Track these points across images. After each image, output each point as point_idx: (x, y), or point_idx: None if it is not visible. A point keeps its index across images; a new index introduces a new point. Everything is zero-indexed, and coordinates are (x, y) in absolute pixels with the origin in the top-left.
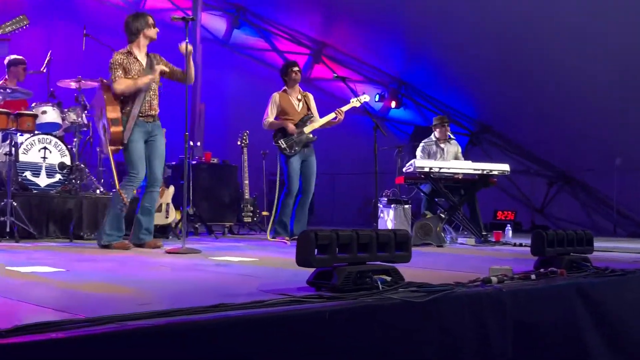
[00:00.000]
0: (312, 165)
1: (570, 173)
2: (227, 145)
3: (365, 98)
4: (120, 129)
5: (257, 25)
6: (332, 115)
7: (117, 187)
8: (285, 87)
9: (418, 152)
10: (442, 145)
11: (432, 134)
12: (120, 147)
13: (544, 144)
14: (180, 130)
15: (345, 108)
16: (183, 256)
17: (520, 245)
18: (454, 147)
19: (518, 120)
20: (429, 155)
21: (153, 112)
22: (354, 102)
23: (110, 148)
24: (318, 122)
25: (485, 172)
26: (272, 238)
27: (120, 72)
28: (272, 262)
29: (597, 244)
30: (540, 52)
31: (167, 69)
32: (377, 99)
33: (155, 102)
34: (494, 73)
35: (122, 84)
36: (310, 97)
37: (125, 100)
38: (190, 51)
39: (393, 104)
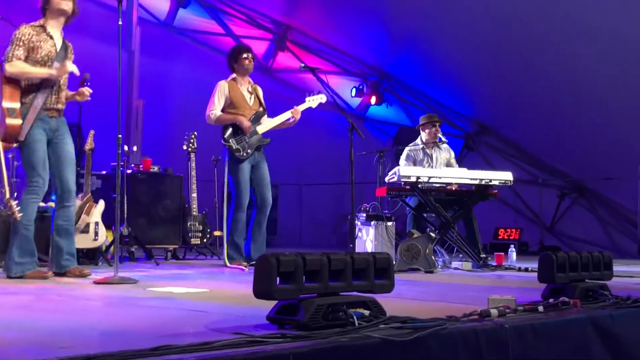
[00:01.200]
0: (264, 172)
1: (585, 183)
2: (170, 150)
3: (320, 99)
4: (18, 122)
5: (207, 4)
6: (287, 115)
7: (7, 195)
8: (234, 75)
9: (402, 159)
10: (430, 151)
11: (419, 137)
12: (14, 144)
13: (555, 148)
14: (112, 132)
15: (301, 107)
16: (115, 287)
17: (526, 270)
18: (445, 153)
19: (523, 120)
20: (414, 162)
21: (60, 106)
22: (310, 102)
23: (1, 144)
24: (271, 121)
25: (483, 182)
26: (227, 264)
27: (22, 51)
28: (224, 294)
29: (618, 267)
30: (552, 40)
31: (76, 73)
32: (353, 93)
33: (64, 94)
34: (494, 65)
35: (16, 67)
36: (260, 91)
37: (28, 87)
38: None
39: (373, 100)
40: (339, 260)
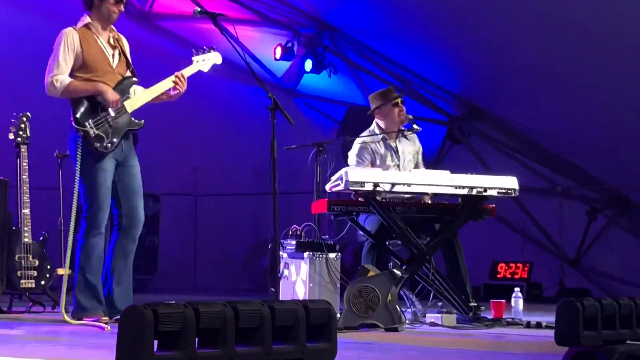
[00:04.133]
0: (134, 171)
1: (628, 193)
2: None
3: (214, 58)
4: None
5: None
6: (166, 84)
7: None
8: (88, 20)
9: (352, 155)
10: (393, 143)
11: (374, 123)
12: None
13: (582, 141)
14: None
15: (187, 71)
16: None
17: (539, 325)
18: (411, 145)
19: (534, 98)
20: (372, 161)
21: None
22: (199, 64)
23: None
24: (144, 94)
25: (474, 191)
26: (76, 319)
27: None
28: None
29: None
30: None
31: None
32: (278, 54)
33: None
34: (492, 14)
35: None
36: (126, 45)
37: None
38: None
39: (308, 66)
40: (252, 314)
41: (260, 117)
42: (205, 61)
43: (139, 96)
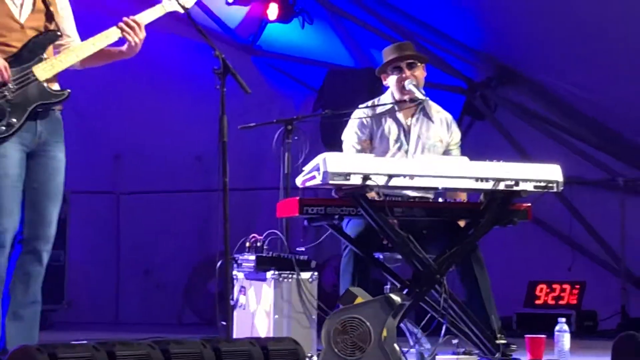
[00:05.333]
0: (54, 166)
1: None
2: None
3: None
4: None
5: None
6: (112, 34)
7: None
8: None
9: (349, 137)
10: (406, 121)
11: (388, 91)
12: None
13: None
14: None
15: (146, 17)
16: None
17: None
18: (440, 129)
19: (586, 58)
20: (370, 144)
21: None
22: (167, 4)
23: None
24: (71, 52)
25: (502, 185)
26: None
27: None
28: None
29: None
30: None
31: None
32: None
33: None
34: None
35: None
36: None
37: None
38: None
39: (273, 12)
40: (189, 358)
41: (205, 84)
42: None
43: (63, 56)
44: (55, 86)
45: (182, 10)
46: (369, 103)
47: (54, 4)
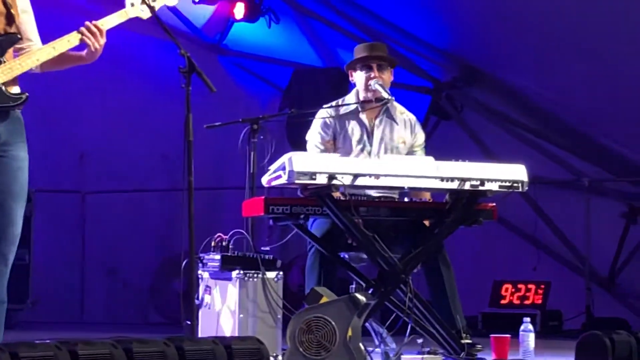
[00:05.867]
0: (16, 165)
1: None
2: None
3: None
4: None
5: None
6: (73, 38)
7: None
8: None
9: (312, 137)
10: (370, 122)
11: (353, 91)
12: None
13: (619, 118)
14: None
15: (109, 22)
16: None
17: None
18: (404, 131)
19: (551, 59)
20: (333, 144)
21: None
22: (130, 10)
23: None
24: (31, 55)
25: (468, 184)
26: None
27: None
28: None
29: None
30: None
31: None
32: None
33: None
34: None
35: None
36: None
37: None
38: None
39: (239, 11)
40: (151, 356)
41: (171, 83)
42: (132, 6)
43: (22, 60)
44: (15, 89)
45: (144, 17)
46: (333, 103)
47: (14, 6)
